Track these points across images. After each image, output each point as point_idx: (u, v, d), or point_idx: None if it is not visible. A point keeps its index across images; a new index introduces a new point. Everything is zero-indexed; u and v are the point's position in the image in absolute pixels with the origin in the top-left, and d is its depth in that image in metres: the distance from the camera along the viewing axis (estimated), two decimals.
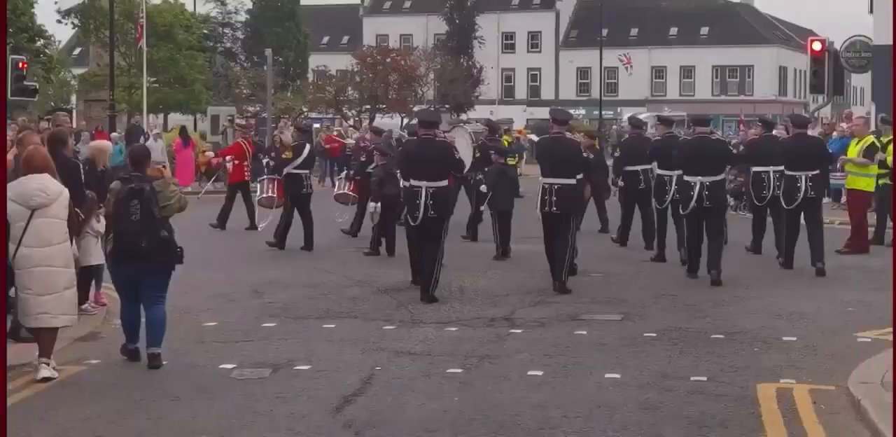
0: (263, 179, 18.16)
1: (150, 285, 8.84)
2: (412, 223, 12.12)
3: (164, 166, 9.51)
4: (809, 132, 16.25)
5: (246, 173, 20.37)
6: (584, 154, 13.45)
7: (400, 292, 12.38)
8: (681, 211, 13.76)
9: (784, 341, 9.63)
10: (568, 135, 13.37)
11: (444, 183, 12.14)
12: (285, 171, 16.80)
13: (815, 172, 14.04)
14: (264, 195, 17.98)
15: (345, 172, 19.71)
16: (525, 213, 16.31)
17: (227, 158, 20.68)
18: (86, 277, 10.70)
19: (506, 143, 26.23)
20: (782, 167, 14.41)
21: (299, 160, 16.71)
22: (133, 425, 7.06)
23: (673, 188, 14.53)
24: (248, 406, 7.48)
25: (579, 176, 12.66)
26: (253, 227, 19.20)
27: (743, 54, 70.56)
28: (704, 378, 8.22)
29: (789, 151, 14.32)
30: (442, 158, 12.14)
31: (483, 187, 16.57)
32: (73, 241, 9.15)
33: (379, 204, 15.41)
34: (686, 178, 13.42)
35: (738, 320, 10.65)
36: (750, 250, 15.77)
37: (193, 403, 7.59)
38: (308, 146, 17.21)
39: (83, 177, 10.43)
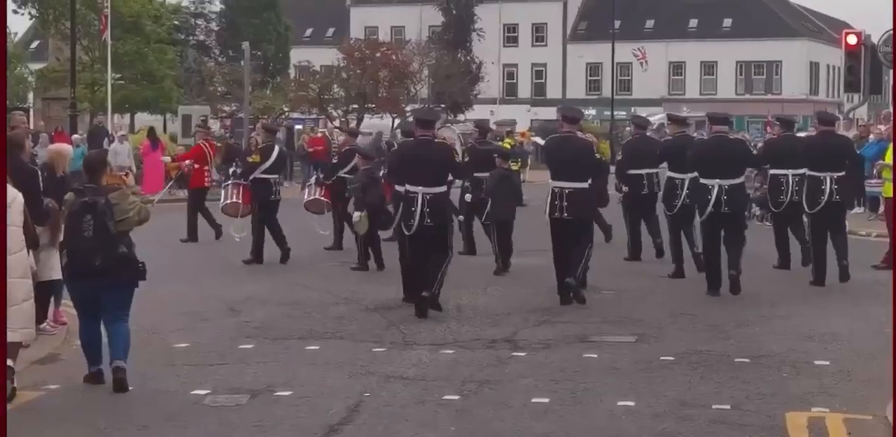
0: (228, 185, 18.07)
1: (111, 303, 8.89)
2: (406, 232, 12.16)
3: (128, 173, 9.53)
4: (842, 133, 16.62)
5: (207, 179, 20.40)
6: (598, 156, 13.57)
7: (390, 311, 12.40)
8: (697, 217, 13.79)
9: (815, 366, 9.65)
10: (580, 134, 13.44)
11: (442, 189, 12.21)
12: (252, 176, 16.79)
13: (840, 174, 14.20)
14: (228, 202, 17.67)
15: (314, 176, 19.67)
16: (528, 223, 16.50)
17: (187, 162, 20.69)
18: (44, 292, 10.67)
19: (508, 146, 26.29)
20: (804, 170, 14.55)
21: (267, 164, 16.75)
22: None
23: (684, 193, 14.64)
24: (223, 436, 7.48)
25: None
26: (194, 238, 19.31)
27: (770, 49, 70.74)
28: (728, 406, 8.23)
29: (814, 149, 14.44)
30: (441, 161, 12.21)
31: (468, 196, 16.58)
32: (30, 253, 9.18)
33: (364, 213, 15.23)
34: (703, 181, 13.45)
35: (764, 342, 10.67)
36: (777, 266, 15.78)
37: (163, 432, 7.59)
38: (277, 148, 17.25)
39: (41, 184, 10.44)
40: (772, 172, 15.64)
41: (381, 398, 8.47)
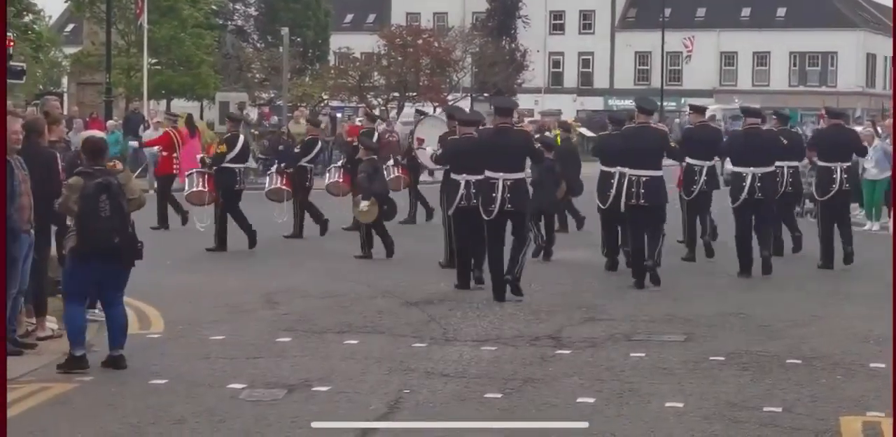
0: (192, 173, 18.38)
1: (113, 284, 9.34)
2: (486, 217, 12.69)
3: (115, 163, 9.94)
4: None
5: (174, 166, 20.57)
6: (672, 144, 14.61)
7: (431, 305, 12.41)
8: (731, 204, 14.79)
9: (871, 368, 9.56)
10: (653, 125, 14.40)
11: (522, 175, 12.95)
12: (217, 165, 17.27)
13: (848, 164, 15.47)
14: (193, 190, 17.99)
15: (275, 165, 20.21)
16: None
17: (156, 148, 21.04)
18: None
19: (559, 139, 26.38)
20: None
21: (234, 153, 17.14)
22: None
23: (702, 179, 15.64)
24: (258, 432, 7.52)
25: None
26: (165, 226, 19.58)
27: (825, 39, 70.16)
28: (779, 409, 8.17)
29: (824, 141, 15.83)
30: (520, 147, 12.96)
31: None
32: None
33: (371, 201, 15.76)
34: (737, 169, 14.71)
35: (816, 343, 10.59)
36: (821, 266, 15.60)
37: (198, 426, 7.63)
38: (242, 138, 17.66)
39: (60, 166, 10.63)
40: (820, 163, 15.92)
41: (420, 395, 8.47)
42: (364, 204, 15.83)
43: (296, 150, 19.62)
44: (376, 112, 46.97)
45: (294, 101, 42.28)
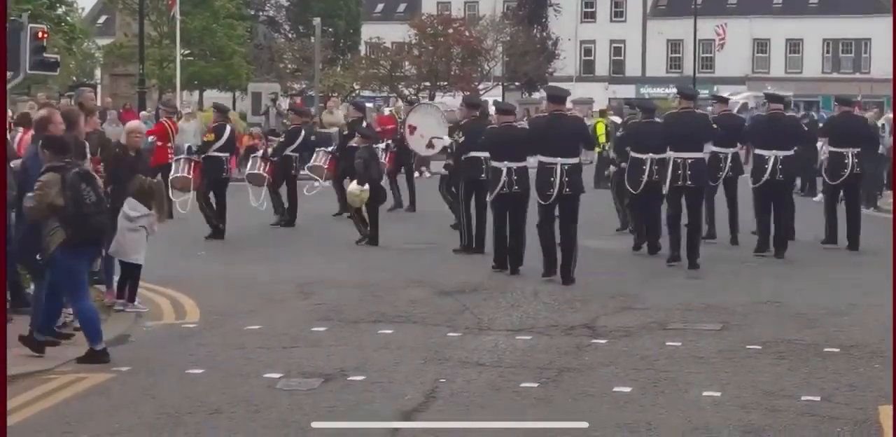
0: (180, 159, 18.81)
1: (86, 274, 9.64)
2: (543, 202, 13.15)
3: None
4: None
5: (169, 155, 20.65)
6: (714, 127, 15.30)
7: (464, 295, 12.40)
8: (751, 185, 15.55)
9: None
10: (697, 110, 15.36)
11: (577, 160, 13.44)
12: (203, 154, 17.70)
13: (857, 150, 16.04)
14: (178, 175, 18.23)
15: (260, 151, 20.68)
16: (600, 206, 16.85)
17: (151, 138, 21.16)
18: (131, 273, 11.22)
19: (602, 127, 26.48)
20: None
21: (220, 142, 17.47)
22: None
23: (727, 166, 16.37)
24: (295, 421, 7.52)
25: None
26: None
27: (859, 25, 69.54)
28: (817, 398, 8.13)
29: (835, 127, 16.53)
30: (574, 133, 13.61)
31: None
32: None
33: (366, 186, 16.18)
34: (759, 151, 15.54)
35: (854, 332, 10.52)
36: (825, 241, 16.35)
37: (234, 415, 7.65)
38: (229, 127, 17.95)
39: (87, 155, 10.80)
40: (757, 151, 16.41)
41: (455, 385, 8.46)
42: (357, 188, 16.26)
43: (280, 139, 20.17)
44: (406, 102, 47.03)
45: (326, 91, 42.29)
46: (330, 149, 20.34)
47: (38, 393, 8.24)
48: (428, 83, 49.03)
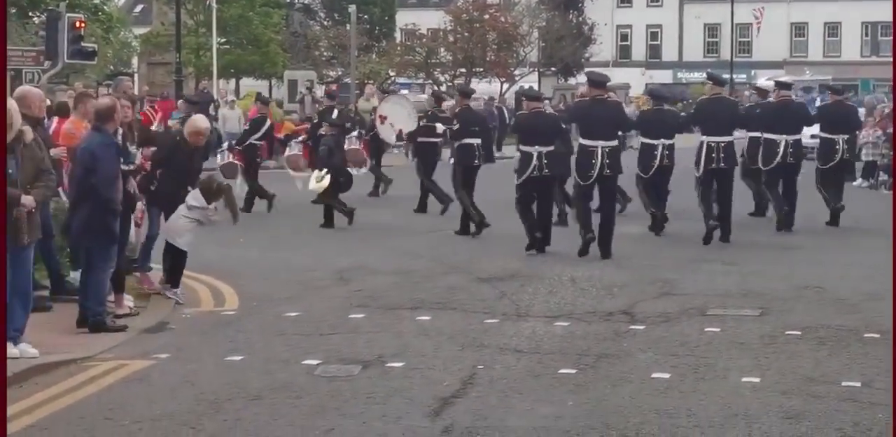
0: (223, 150, 19.53)
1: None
2: (582, 182, 13.90)
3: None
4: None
5: None
6: (741, 109, 16.73)
7: (502, 281, 12.39)
8: (761, 166, 16.67)
9: None
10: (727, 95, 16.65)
11: (616, 142, 14.15)
12: (242, 144, 19.23)
13: (848, 136, 17.37)
14: (226, 162, 19.04)
15: (226, 142, 21.42)
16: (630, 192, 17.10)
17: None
18: (180, 260, 11.29)
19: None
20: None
21: (259, 134, 19.31)
22: (208, 426, 7.17)
23: (785, 151, 16.69)
24: (335, 407, 7.54)
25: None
26: None
27: None
28: (858, 384, 8.08)
29: (828, 115, 17.56)
30: (614, 117, 14.29)
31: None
32: None
33: (324, 172, 16.77)
34: (770, 136, 16.45)
35: None
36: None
37: (274, 402, 7.67)
38: (268, 122, 19.93)
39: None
40: (751, 134, 17.41)
41: (494, 371, 8.46)
42: (317, 174, 16.88)
43: (245, 127, 20.86)
44: (443, 88, 47.08)
45: (361, 78, 42.32)
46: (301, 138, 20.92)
47: (80, 380, 8.31)
48: (464, 69, 49.00)
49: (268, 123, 19.95)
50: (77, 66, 30.92)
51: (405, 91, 27.91)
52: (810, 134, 18.40)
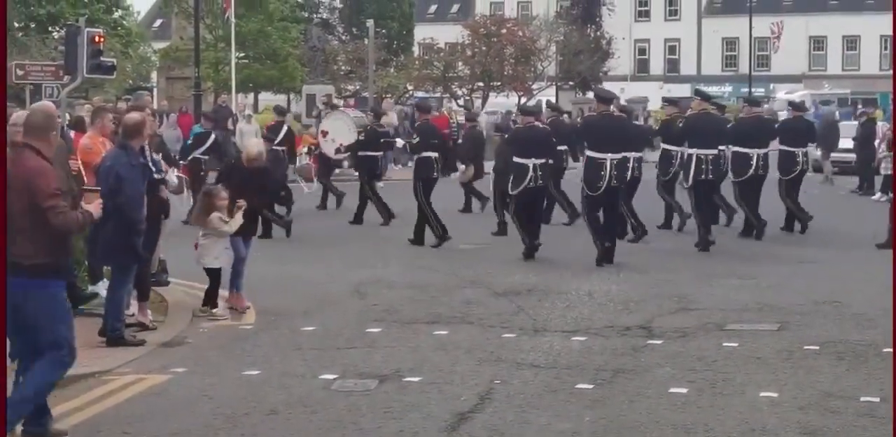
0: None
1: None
2: (591, 193, 14.44)
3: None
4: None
5: None
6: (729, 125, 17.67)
7: (519, 296, 12.39)
8: (780, 176, 17.99)
9: None
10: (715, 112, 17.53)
11: (622, 155, 14.71)
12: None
13: (806, 149, 18.44)
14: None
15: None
16: (652, 206, 17.44)
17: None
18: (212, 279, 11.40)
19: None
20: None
21: (277, 139, 19.83)
22: None
23: (757, 164, 17.39)
24: (352, 422, 7.55)
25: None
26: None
27: None
28: (877, 399, 8.05)
29: (788, 130, 18.48)
30: (624, 131, 15.13)
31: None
32: None
33: None
34: (789, 149, 17.98)
35: None
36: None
37: (291, 417, 7.69)
38: (286, 127, 20.39)
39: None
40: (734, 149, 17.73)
41: (512, 386, 8.46)
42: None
43: (188, 141, 20.75)
44: (461, 102, 47.14)
45: (379, 92, 42.39)
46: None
47: (98, 394, 8.33)
48: (481, 83, 49.02)
49: (212, 137, 19.65)
50: (96, 80, 31.01)
51: (346, 109, 28.48)
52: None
